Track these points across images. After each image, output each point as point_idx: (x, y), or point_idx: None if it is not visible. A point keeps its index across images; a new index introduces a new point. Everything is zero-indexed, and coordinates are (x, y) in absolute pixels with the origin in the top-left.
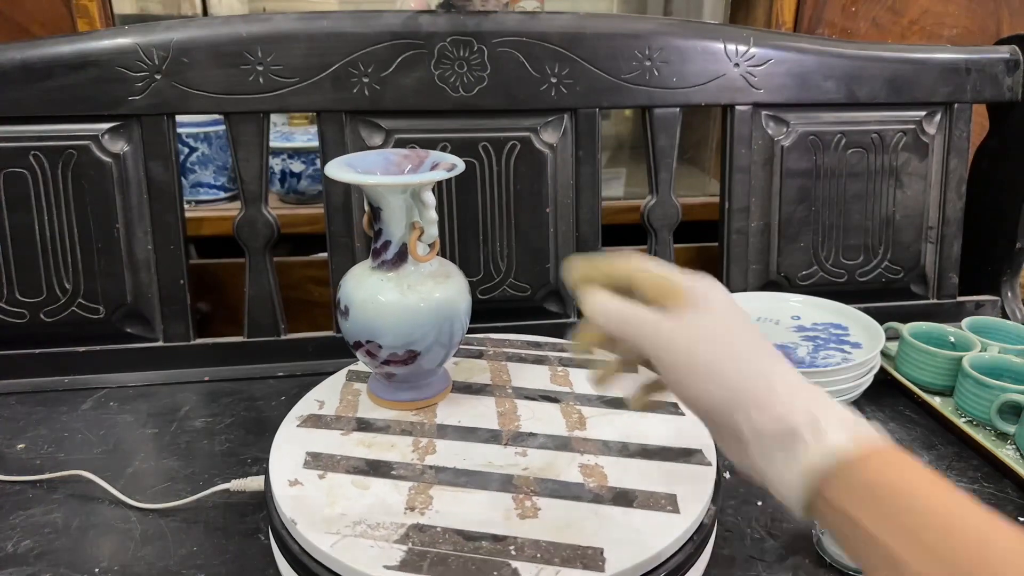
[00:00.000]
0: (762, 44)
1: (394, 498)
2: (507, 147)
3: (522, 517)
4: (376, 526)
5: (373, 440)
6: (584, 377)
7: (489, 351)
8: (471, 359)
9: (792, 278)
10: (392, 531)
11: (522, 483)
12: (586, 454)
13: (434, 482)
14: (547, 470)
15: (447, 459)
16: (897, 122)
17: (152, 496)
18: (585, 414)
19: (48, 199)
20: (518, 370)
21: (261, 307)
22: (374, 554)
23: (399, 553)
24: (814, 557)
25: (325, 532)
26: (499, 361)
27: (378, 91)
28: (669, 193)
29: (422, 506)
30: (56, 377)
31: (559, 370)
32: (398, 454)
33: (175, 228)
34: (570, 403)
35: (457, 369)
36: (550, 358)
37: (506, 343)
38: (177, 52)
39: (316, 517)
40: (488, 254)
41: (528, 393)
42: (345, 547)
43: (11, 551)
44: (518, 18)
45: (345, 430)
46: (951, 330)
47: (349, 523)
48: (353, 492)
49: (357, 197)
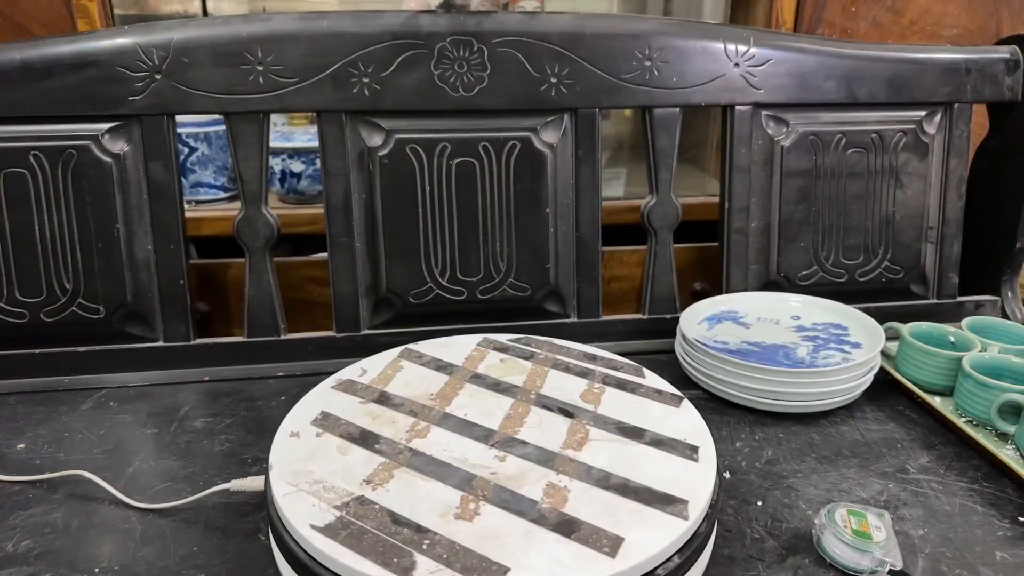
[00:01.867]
0: (762, 44)
1: (360, 469)
2: (507, 147)
3: (457, 517)
4: (330, 489)
5: (381, 413)
6: (619, 398)
7: (540, 355)
8: (519, 359)
9: (792, 278)
10: (338, 496)
11: (479, 486)
12: (561, 475)
13: (404, 464)
14: (513, 480)
15: (429, 446)
16: (897, 122)
17: (152, 496)
18: (591, 436)
19: (48, 199)
20: (556, 378)
21: (261, 307)
22: (309, 512)
23: (330, 517)
24: (814, 557)
25: (287, 483)
26: (544, 366)
27: (378, 91)
28: (669, 193)
29: (379, 482)
30: (56, 377)
31: (596, 387)
32: (392, 431)
33: (175, 228)
34: (584, 421)
35: (499, 366)
36: (596, 373)
37: (562, 350)
38: (177, 52)
39: (289, 468)
40: (488, 254)
41: (548, 402)
42: (292, 499)
43: (11, 551)
44: (518, 18)
45: (365, 399)
46: (951, 330)
47: (311, 480)
48: (333, 455)
49: (357, 197)
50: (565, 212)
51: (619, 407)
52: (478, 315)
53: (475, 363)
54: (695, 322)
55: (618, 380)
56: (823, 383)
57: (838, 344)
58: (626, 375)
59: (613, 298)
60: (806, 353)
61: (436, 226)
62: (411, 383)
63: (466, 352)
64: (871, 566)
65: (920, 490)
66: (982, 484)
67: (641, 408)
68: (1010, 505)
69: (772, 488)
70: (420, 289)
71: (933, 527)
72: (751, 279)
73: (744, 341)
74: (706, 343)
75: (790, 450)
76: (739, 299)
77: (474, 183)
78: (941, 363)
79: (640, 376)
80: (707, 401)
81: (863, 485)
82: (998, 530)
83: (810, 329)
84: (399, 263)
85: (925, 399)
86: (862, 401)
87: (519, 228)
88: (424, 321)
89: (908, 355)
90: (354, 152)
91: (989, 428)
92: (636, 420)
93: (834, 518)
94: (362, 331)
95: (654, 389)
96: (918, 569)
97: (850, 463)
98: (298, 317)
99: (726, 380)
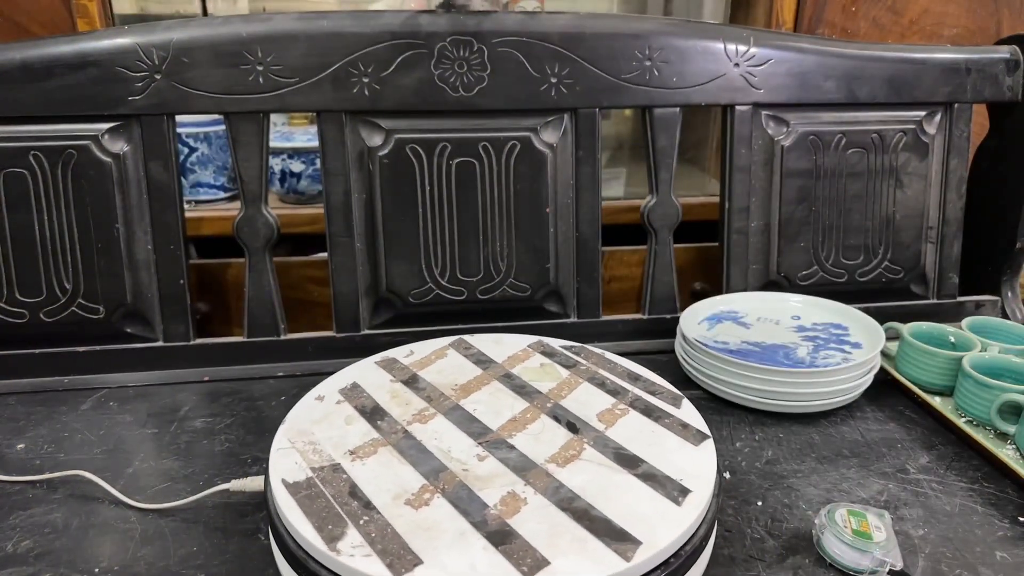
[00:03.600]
0: (762, 44)
1: (353, 440)
2: (507, 147)
3: (406, 503)
4: (318, 452)
5: (402, 394)
6: (637, 423)
7: (583, 366)
8: (559, 366)
9: (792, 278)
10: (320, 460)
11: (445, 479)
12: (528, 486)
13: (392, 443)
14: (479, 480)
15: (424, 432)
16: (897, 122)
17: (152, 496)
18: (584, 455)
19: (48, 199)
20: (585, 392)
21: (261, 307)
22: (289, 468)
23: (302, 476)
24: (814, 557)
25: (287, 439)
26: (579, 377)
27: (378, 91)
28: (669, 193)
29: (361, 456)
30: (56, 377)
31: (620, 408)
32: (400, 412)
33: (175, 228)
34: (585, 439)
35: (535, 370)
36: (629, 394)
37: (608, 364)
38: (177, 52)
39: (296, 426)
40: (488, 254)
41: (560, 414)
42: (282, 454)
43: (11, 551)
44: (518, 18)
45: (396, 378)
46: (951, 330)
47: (307, 441)
48: (338, 422)
49: (357, 197)
50: (565, 212)
51: (631, 432)
52: (478, 315)
53: (514, 363)
54: (695, 322)
55: (647, 405)
56: (823, 383)
57: (838, 344)
58: (659, 402)
59: (613, 298)
60: (806, 353)
61: (436, 226)
62: (445, 371)
63: (512, 351)
64: (871, 566)
65: (920, 490)
66: (982, 484)
67: (654, 438)
68: (1010, 505)
69: (772, 488)
70: (420, 289)
71: (933, 527)
72: (751, 279)
73: (744, 341)
74: (706, 343)
75: (790, 450)
76: (739, 299)
77: (474, 183)
78: (941, 363)
79: (674, 406)
80: (707, 401)
81: (863, 485)
82: (998, 530)
83: (810, 329)
84: (399, 263)
85: (925, 399)
86: (862, 401)
87: (519, 228)
88: (424, 321)
89: (908, 355)
90: (354, 152)
91: (989, 428)
92: (640, 449)
93: (834, 518)
94: (362, 331)
95: (680, 422)
96: (918, 569)
97: (850, 463)
98: (298, 317)
99: (726, 380)
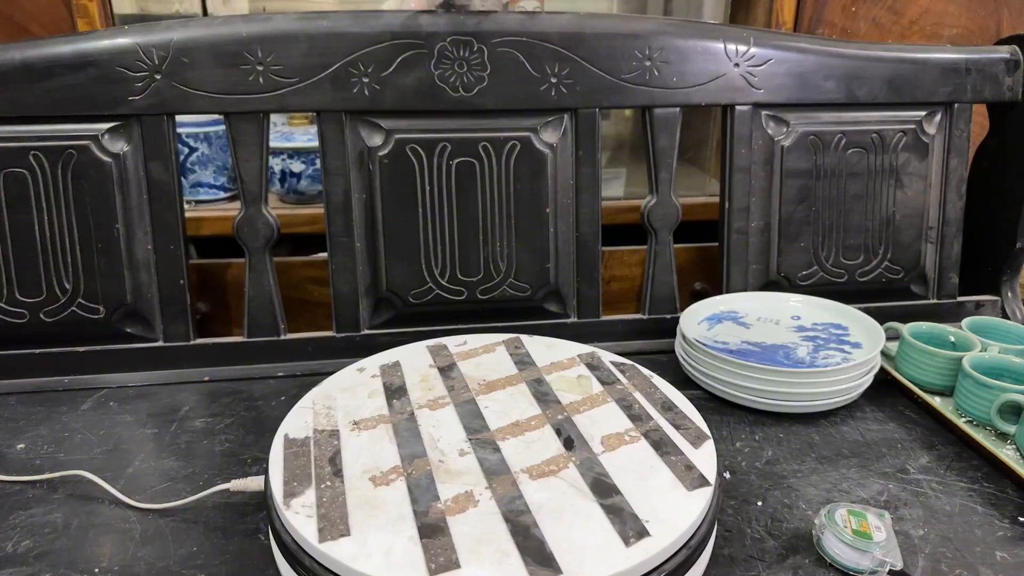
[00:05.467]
0: (762, 44)
1: (362, 412)
2: (507, 147)
3: (370, 479)
4: (329, 417)
5: (432, 379)
6: (640, 455)
7: (619, 386)
8: (595, 380)
9: (792, 278)
10: (325, 424)
11: (417, 465)
12: (488, 490)
13: (392, 422)
14: (446, 474)
15: (426, 418)
16: (897, 122)
17: (152, 496)
18: (562, 474)
19: (48, 199)
20: (605, 412)
21: (261, 307)
22: (297, 425)
23: (301, 435)
24: (814, 557)
25: (312, 399)
26: (609, 397)
27: (378, 91)
28: (669, 193)
29: (361, 428)
30: (56, 377)
31: (631, 435)
32: (418, 395)
33: (175, 228)
34: (573, 459)
35: (570, 380)
36: (651, 423)
37: (648, 390)
38: (177, 52)
39: (326, 391)
40: (488, 254)
41: (566, 428)
42: (299, 412)
43: (11, 551)
44: (518, 18)
45: (435, 364)
46: (951, 330)
47: (327, 406)
48: (362, 394)
49: (357, 197)
50: (565, 212)
51: (627, 462)
52: (478, 315)
53: (553, 370)
54: (695, 322)
55: (662, 438)
56: (823, 383)
57: (838, 344)
58: (679, 437)
59: (613, 298)
60: (806, 353)
61: (436, 226)
62: (483, 366)
63: (559, 358)
64: (871, 566)
65: (920, 490)
66: (982, 484)
67: (647, 473)
68: (1010, 505)
69: (772, 488)
70: (420, 289)
71: (933, 527)
72: (751, 279)
73: (744, 341)
74: (706, 343)
75: (790, 450)
76: (739, 299)
77: (474, 183)
78: (941, 363)
79: (693, 445)
80: (707, 401)
81: (863, 485)
82: (998, 530)
83: (810, 329)
84: (399, 263)
85: (925, 399)
86: (862, 401)
87: (519, 228)
88: (424, 321)
89: (908, 355)
90: (354, 152)
91: (989, 428)
92: (623, 481)
93: (834, 518)
94: (362, 331)
95: (687, 463)
96: (918, 569)
97: (850, 463)
98: (298, 317)
99: (726, 380)
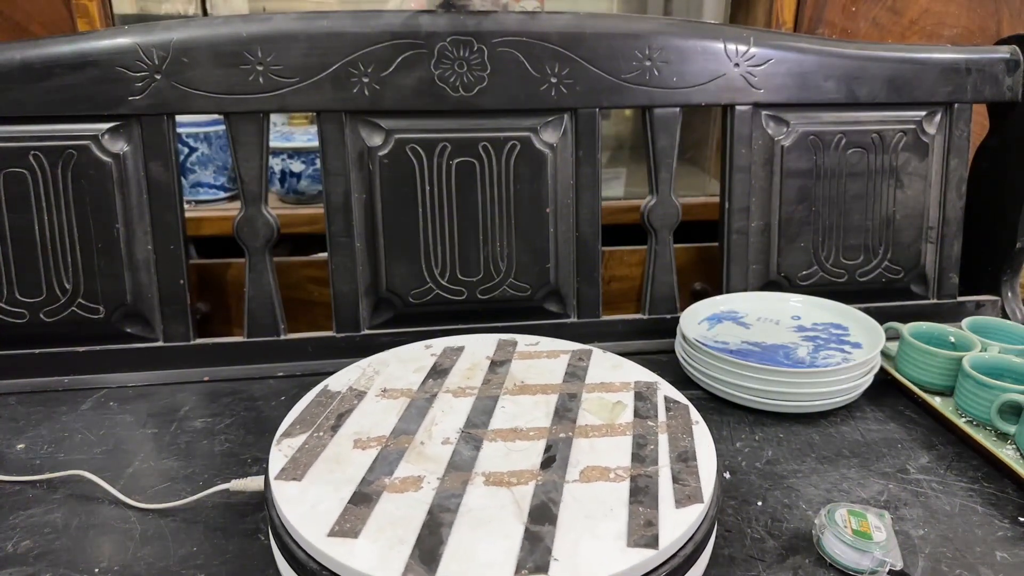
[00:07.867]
0: (762, 44)
1: (396, 384)
2: (507, 147)
3: (355, 443)
4: (368, 380)
5: (479, 371)
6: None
7: (650, 422)
8: (632, 412)
9: (792, 278)
10: (360, 385)
11: (398, 441)
12: (436, 481)
13: (411, 398)
14: (416, 456)
15: (443, 403)
16: (897, 122)
17: (152, 496)
18: (513, 489)
19: (48, 199)
20: (614, 443)
21: (261, 307)
22: (341, 380)
23: (338, 388)
24: (814, 557)
25: (357, 365)
26: (633, 429)
27: (378, 91)
28: (669, 193)
29: (385, 396)
30: (56, 377)
31: (618, 472)
32: (454, 381)
33: (175, 228)
34: (538, 479)
35: (601, 403)
36: (655, 466)
37: (680, 430)
38: (177, 52)
39: (384, 358)
40: (488, 254)
41: (559, 449)
42: (352, 369)
43: (11, 551)
44: (518, 18)
45: (493, 358)
46: (951, 330)
47: (375, 370)
48: (411, 368)
49: (357, 197)
50: (565, 212)
51: (587, 498)
52: (478, 315)
53: (595, 390)
54: (695, 322)
55: (646, 486)
56: (823, 383)
57: (838, 344)
58: (667, 490)
59: (613, 298)
60: (806, 353)
61: (436, 226)
62: (533, 368)
63: (612, 379)
64: (871, 566)
65: (920, 490)
66: (982, 484)
67: (600, 516)
68: (1010, 505)
69: (772, 488)
70: (420, 289)
71: (933, 527)
72: (751, 279)
73: (744, 341)
74: (706, 343)
75: (790, 450)
76: (739, 299)
77: (474, 183)
78: (941, 363)
79: (676, 503)
80: (707, 401)
81: (863, 485)
82: (998, 530)
83: (810, 329)
84: (399, 263)
85: (925, 399)
86: (862, 401)
87: (519, 228)
88: (424, 321)
89: (908, 355)
90: (354, 152)
91: (989, 428)
92: (567, 515)
93: (834, 518)
94: (362, 331)
95: (648, 521)
96: (918, 569)
97: (850, 463)
98: (298, 317)
99: (726, 380)
